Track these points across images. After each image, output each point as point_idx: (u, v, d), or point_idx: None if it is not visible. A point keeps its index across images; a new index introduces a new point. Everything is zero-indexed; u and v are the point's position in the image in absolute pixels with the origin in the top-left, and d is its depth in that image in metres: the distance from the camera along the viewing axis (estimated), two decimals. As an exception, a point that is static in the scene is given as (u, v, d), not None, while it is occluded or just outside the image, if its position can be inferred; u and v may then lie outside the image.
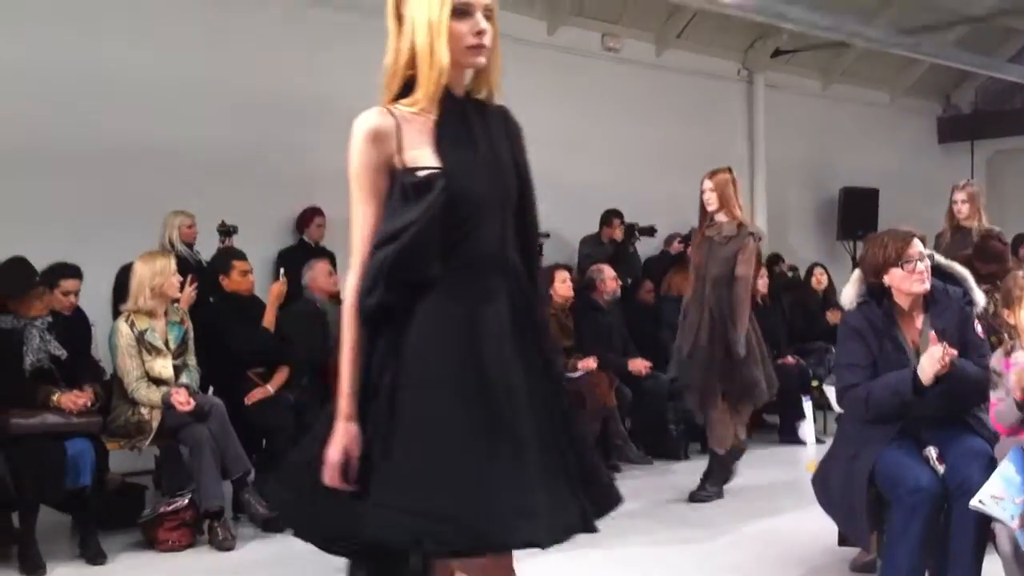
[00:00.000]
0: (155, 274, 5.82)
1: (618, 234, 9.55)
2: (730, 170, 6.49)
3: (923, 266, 4.13)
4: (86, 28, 7.41)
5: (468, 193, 2.49)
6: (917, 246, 4.15)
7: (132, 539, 5.64)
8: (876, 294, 4.25)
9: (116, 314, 6.11)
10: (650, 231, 9.83)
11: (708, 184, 6.41)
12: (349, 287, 2.51)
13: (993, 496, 3.83)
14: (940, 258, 4.38)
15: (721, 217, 6.39)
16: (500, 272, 2.53)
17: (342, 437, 2.46)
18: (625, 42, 10.95)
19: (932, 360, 3.93)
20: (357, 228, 2.50)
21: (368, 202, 2.49)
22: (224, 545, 5.53)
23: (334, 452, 2.45)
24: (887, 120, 13.92)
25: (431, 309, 2.46)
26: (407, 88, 2.57)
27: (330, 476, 2.44)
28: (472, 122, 2.59)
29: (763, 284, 8.51)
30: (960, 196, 6.83)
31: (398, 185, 2.48)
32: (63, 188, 7.14)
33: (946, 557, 4.01)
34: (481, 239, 2.51)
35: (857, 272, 4.37)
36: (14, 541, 5.27)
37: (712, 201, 6.38)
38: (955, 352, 3.95)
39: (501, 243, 2.55)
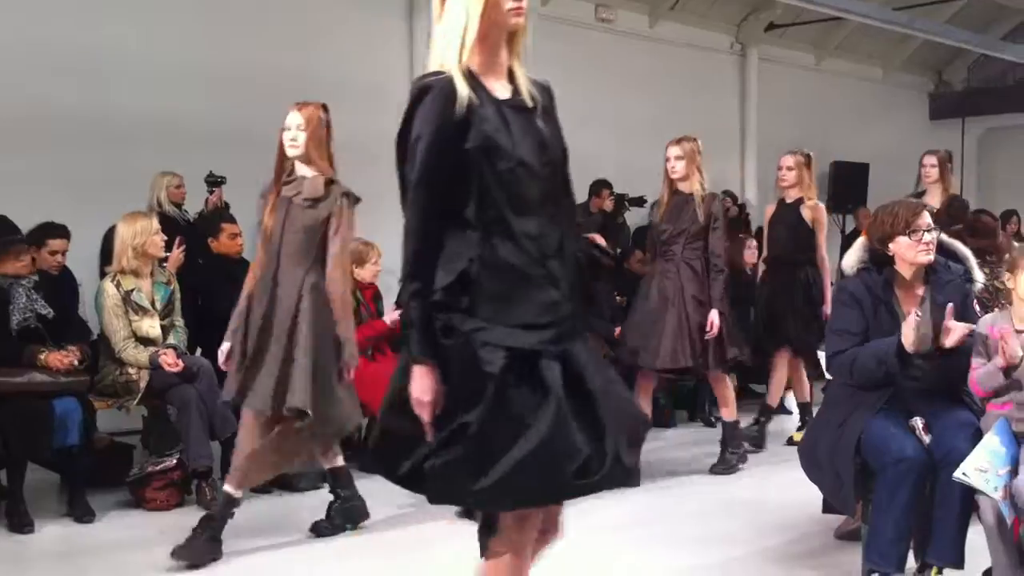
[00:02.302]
0: (136, 234, 5.81)
1: (607, 205, 9.54)
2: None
3: (930, 237, 4.15)
4: (85, 2, 7.42)
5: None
6: (926, 217, 4.18)
7: (120, 498, 5.65)
8: (878, 262, 4.26)
9: (103, 276, 6.10)
10: (640, 201, 9.82)
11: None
12: None
13: (977, 468, 3.86)
14: (943, 236, 4.39)
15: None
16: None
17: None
18: (619, 13, 10.91)
19: (910, 327, 3.96)
20: None
21: None
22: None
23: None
24: (879, 96, 13.92)
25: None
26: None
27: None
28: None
29: (750, 254, 8.52)
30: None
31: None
32: (59, 154, 7.12)
33: (931, 527, 4.05)
34: None
35: (861, 239, 4.39)
36: (1, 498, 5.29)
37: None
38: (971, 326, 3.99)
39: None
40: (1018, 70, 14.05)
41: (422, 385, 2.62)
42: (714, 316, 6.19)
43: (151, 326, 5.79)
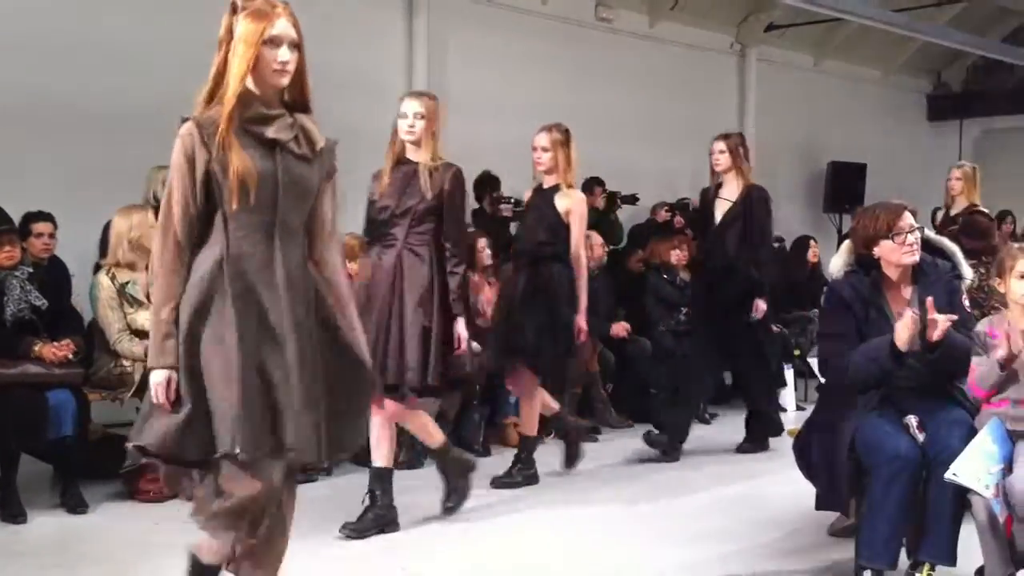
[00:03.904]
0: (132, 227, 5.82)
1: (599, 202, 9.54)
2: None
3: (913, 238, 4.14)
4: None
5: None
6: (908, 219, 4.16)
7: (113, 489, 5.66)
8: (865, 264, 4.26)
9: (98, 269, 6.09)
10: (632, 199, 9.81)
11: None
12: None
13: (968, 468, 3.86)
14: (930, 233, 4.39)
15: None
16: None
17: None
18: (618, 12, 10.90)
19: (905, 325, 3.96)
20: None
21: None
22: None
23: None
24: (878, 97, 13.93)
25: None
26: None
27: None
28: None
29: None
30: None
31: None
32: (53, 146, 7.10)
33: (924, 524, 4.05)
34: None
35: (847, 242, 4.39)
36: (-5, 489, 5.28)
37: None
38: (953, 317, 3.97)
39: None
40: (1017, 72, 14.05)
41: None
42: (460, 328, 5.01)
43: (146, 319, 5.77)
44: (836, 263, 4.36)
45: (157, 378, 3.11)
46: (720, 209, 6.82)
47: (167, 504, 5.46)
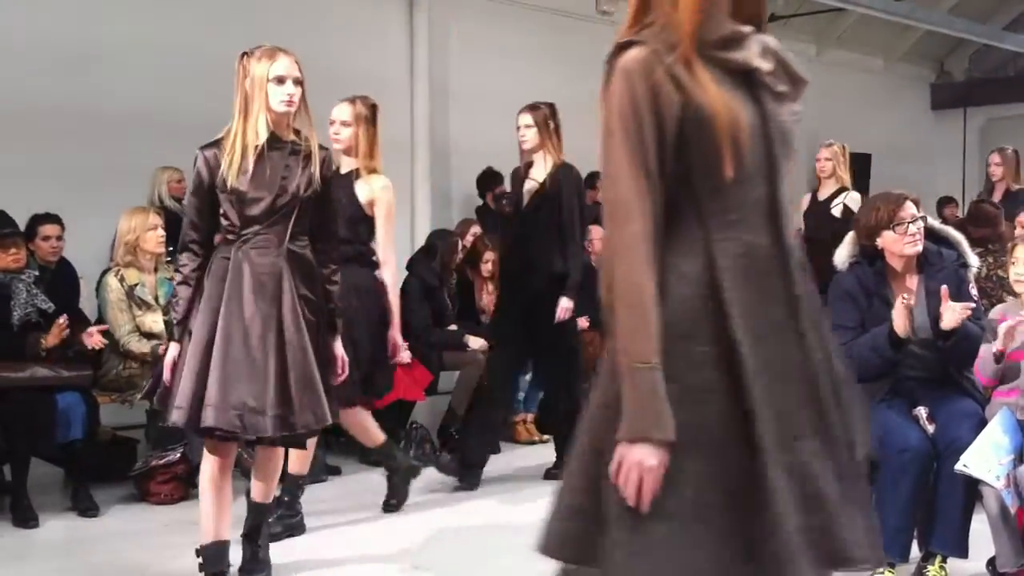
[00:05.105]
0: (130, 229, 5.82)
1: (600, 196, 9.53)
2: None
3: (915, 228, 4.13)
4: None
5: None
6: (909, 208, 4.15)
7: (124, 492, 5.65)
8: (869, 255, 4.25)
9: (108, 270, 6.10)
10: None
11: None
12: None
13: (978, 458, 3.86)
14: (934, 222, 4.38)
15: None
16: None
17: None
18: (620, 5, 10.87)
19: (897, 312, 3.96)
20: None
21: None
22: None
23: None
24: (881, 86, 13.91)
25: None
26: None
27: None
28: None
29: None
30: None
31: None
32: (58, 148, 7.11)
33: (934, 516, 4.06)
34: None
35: (851, 234, 4.38)
36: (5, 493, 5.29)
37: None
38: (971, 306, 3.97)
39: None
40: (1020, 60, 14.03)
41: None
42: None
43: (154, 321, 5.79)
44: (841, 255, 4.35)
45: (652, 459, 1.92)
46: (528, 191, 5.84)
47: (178, 506, 5.48)
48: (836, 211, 7.11)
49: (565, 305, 5.71)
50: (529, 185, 5.82)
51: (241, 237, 3.88)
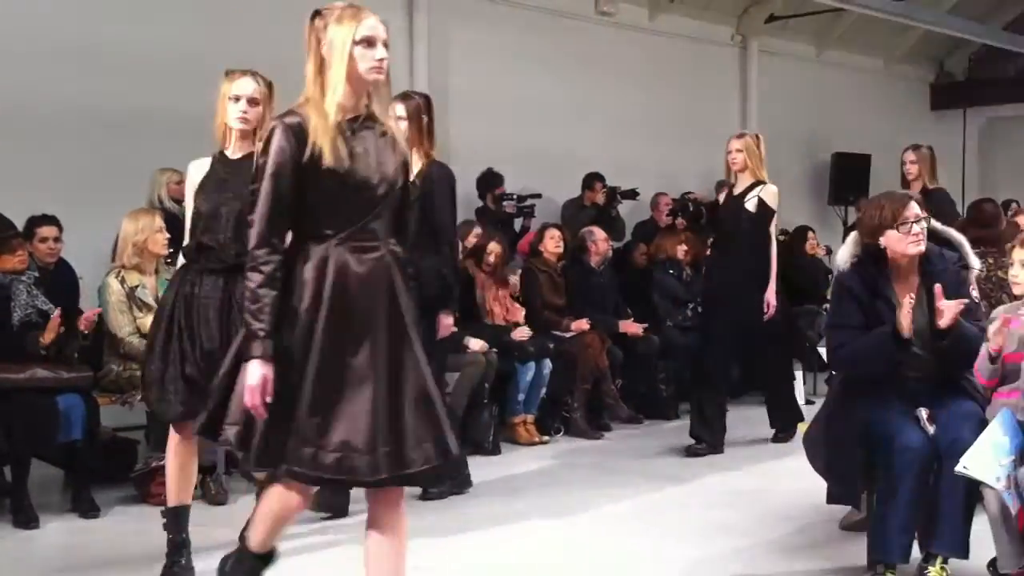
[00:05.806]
0: (137, 231, 5.82)
1: (600, 198, 9.52)
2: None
3: (919, 228, 4.14)
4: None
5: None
6: (913, 208, 4.15)
7: (124, 493, 5.66)
8: (872, 255, 4.26)
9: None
10: (632, 194, 9.78)
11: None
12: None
13: (979, 460, 3.86)
14: (936, 223, 4.38)
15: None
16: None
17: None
18: (619, 6, 10.88)
19: (903, 312, 3.95)
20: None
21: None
22: (216, 499, 5.56)
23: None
24: (880, 86, 13.90)
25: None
26: None
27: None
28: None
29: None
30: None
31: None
32: (56, 150, 7.11)
33: (935, 517, 4.05)
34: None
35: (854, 233, 4.38)
36: (6, 495, 5.29)
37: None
38: (964, 302, 3.97)
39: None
40: (1020, 60, 14.02)
41: None
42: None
43: (155, 322, 5.79)
44: (843, 254, 4.36)
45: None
46: None
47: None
48: (750, 205, 6.82)
49: (449, 323, 5.29)
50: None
51: (340, 233, 3.13)
